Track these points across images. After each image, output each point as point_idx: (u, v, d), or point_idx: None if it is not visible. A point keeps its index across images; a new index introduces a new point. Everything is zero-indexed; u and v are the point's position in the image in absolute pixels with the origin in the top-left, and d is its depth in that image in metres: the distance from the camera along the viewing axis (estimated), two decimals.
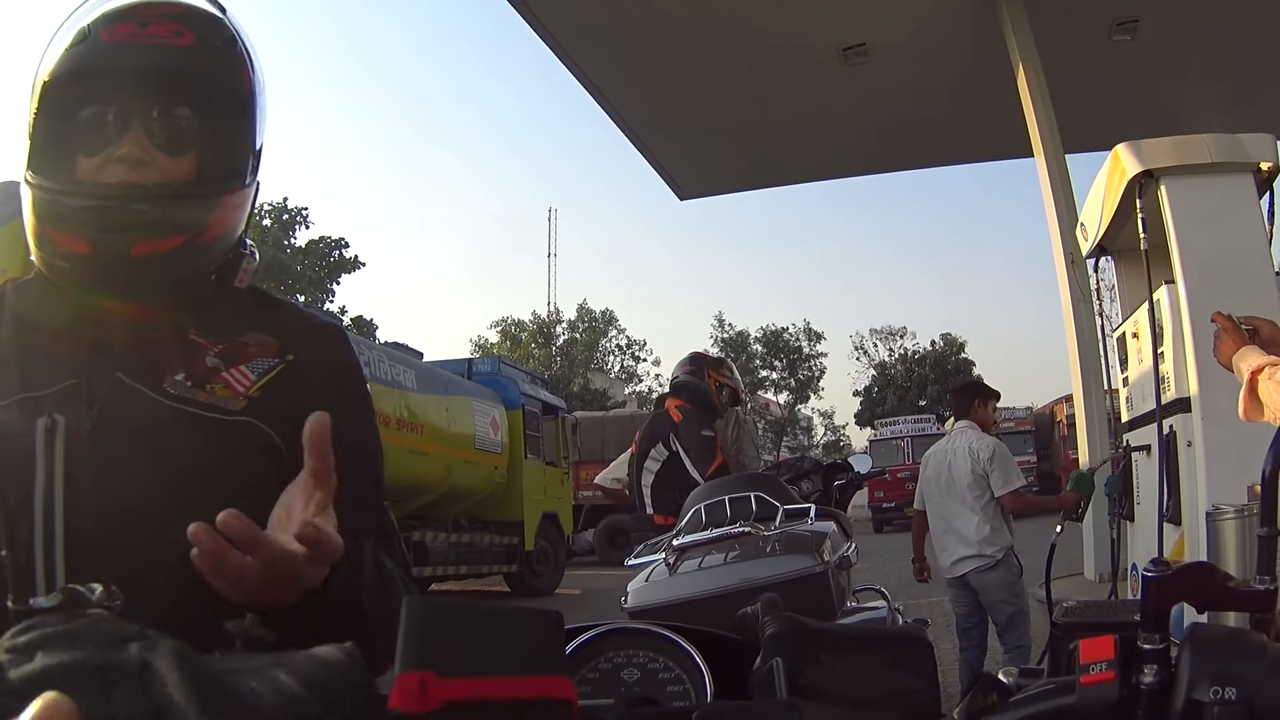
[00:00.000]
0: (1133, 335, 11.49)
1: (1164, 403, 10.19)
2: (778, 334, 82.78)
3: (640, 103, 20.89)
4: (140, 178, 1.77)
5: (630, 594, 5.56)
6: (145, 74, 1.79)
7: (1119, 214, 11.10)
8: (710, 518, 6.09)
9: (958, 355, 79.07)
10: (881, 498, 45.58)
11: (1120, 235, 11.64)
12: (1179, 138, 10.52)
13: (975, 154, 25.84)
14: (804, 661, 1.50)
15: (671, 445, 8.08)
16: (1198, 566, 1.11)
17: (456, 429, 21.98)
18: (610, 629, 1.76)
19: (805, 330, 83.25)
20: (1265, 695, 0.98)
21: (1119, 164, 10.69)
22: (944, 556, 9.62)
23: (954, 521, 9.43)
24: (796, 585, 5.16)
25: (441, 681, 1.03)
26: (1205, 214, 9.98)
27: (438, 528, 21.55)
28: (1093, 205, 12.31)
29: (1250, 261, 9.05)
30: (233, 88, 1.89)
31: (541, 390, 28.61)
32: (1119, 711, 1.04)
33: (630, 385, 78.76)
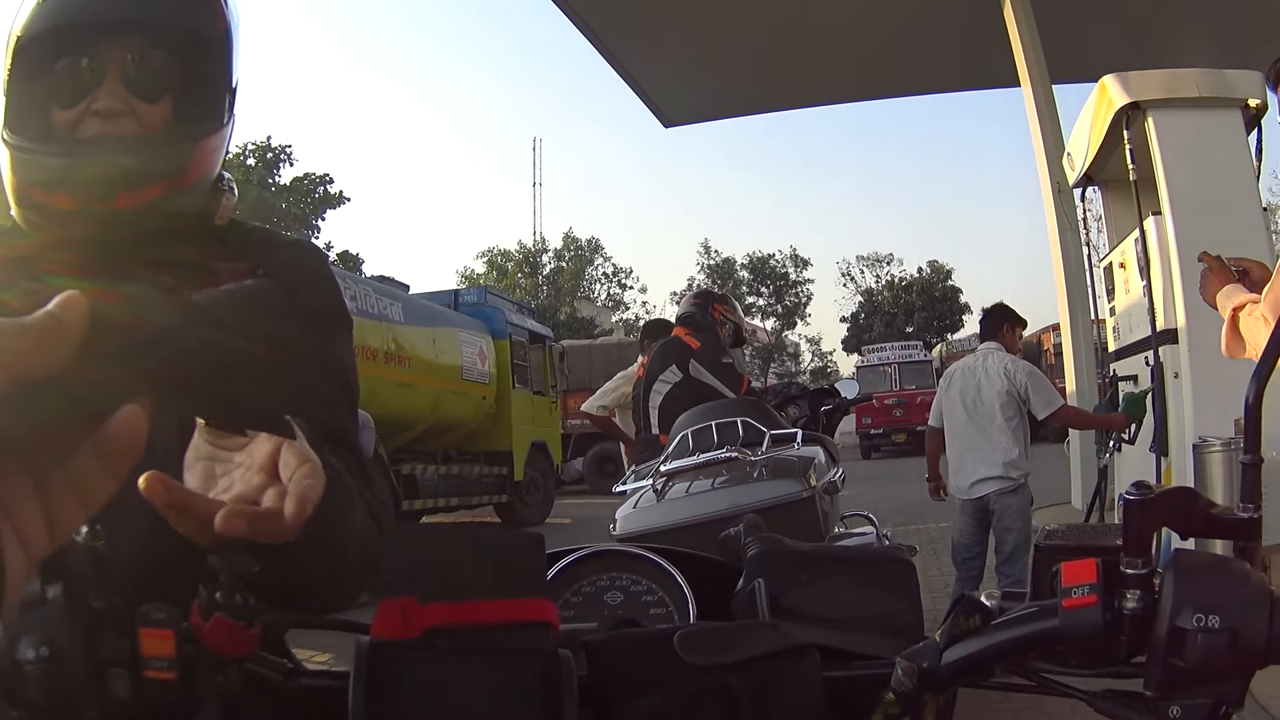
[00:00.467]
0: (1119, 265, 11.52)
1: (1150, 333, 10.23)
2: (764, 260, 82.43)
3: (624, 29, 20.62)
4: (118, 129, 1.75)
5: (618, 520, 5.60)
6: (119, 23, 1.76)
7: (1105, 145, 11.11)
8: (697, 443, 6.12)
9: (945, 282, 78.88)
10: (869, 424, 45.33)
11: (1107, 166, 11.65)
12: (1167, 71, 10.52)
13: (962, 82, 25.69)
14: (786, 583, 1.52)
15: (690, 369, 8.05)
16: (1180, 491, 1.10)
17: (444, 360, 21.90)
18: (593, 551, 1.77)
19: (792, 257, 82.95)
20: (1249, 624, 0.99)
21: (1106, 95, 10.68)
22: (962, 476, 9.39)
23: (979, 442, 9.20)
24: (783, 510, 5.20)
25: (423, 607, 1.07)
26: (1192, 148, 9.97)
27: (427, 460, 21.50)
28: (1079, 135, 12.31)
29: (1237, 196, 9.06)
30: (206, 29, 1.85)
31: (528, 319, 28.46)
32: (1102, 636, 1.04)
33: (617, 313, 78.36)
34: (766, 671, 1.25)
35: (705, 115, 26.94)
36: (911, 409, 44.41)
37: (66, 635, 0.98)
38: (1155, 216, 10.13)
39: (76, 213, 1.75)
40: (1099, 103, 11.01)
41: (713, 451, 5.91)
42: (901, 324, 75.09)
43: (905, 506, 20.70)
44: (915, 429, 43.76)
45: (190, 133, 1.84)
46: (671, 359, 8.21)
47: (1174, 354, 9.81)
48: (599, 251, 78.23)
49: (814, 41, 21.50)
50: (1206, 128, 10.06)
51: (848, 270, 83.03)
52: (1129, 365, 11.21)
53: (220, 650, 1.04)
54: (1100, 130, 11.05)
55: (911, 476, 27.73)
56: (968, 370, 9.43)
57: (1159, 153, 10.00)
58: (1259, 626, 0.99)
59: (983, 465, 9.14)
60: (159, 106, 1.79)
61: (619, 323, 74.81)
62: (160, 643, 1.02)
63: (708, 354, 8.15)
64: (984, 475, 9.13)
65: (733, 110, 27.12)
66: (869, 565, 1.62)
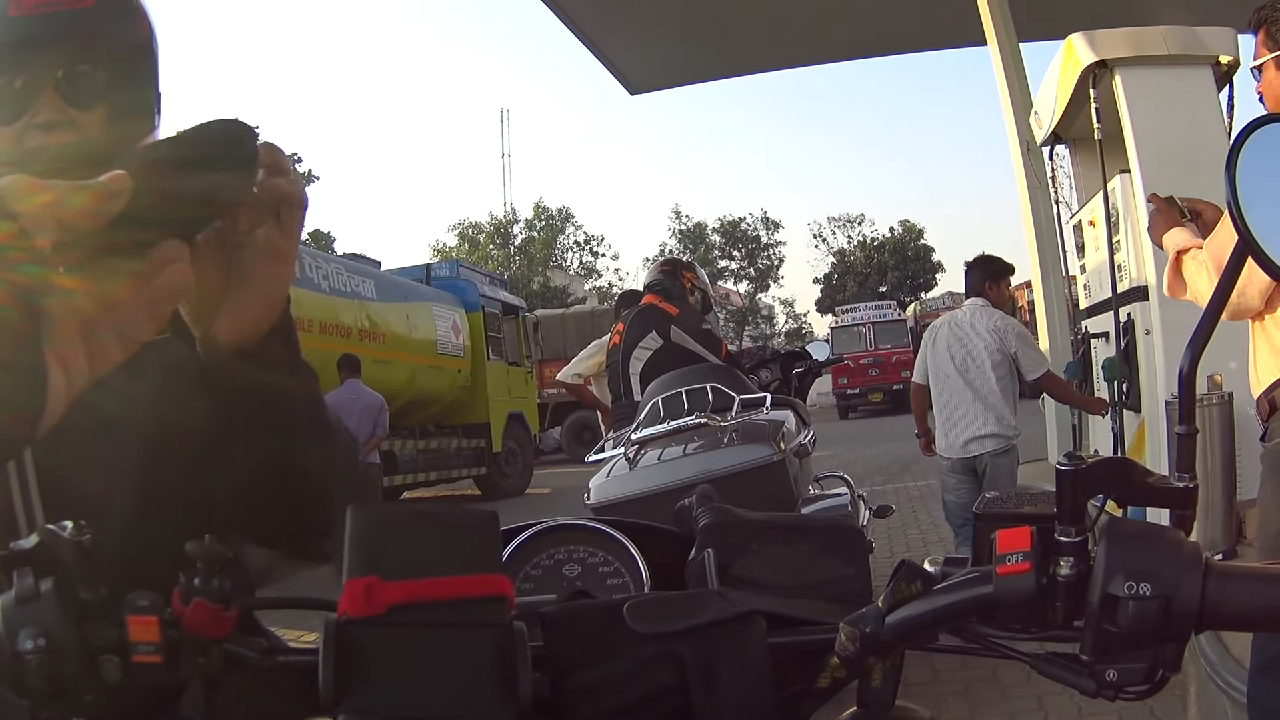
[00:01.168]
0: (1089, 223, 11.53)
1: (1120, 291, 10.25)
2: (735, 224, 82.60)
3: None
4: (60, 138, 1.80)
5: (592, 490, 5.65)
6: (52, 42, 1.81)
7: (1072, 103, 11.10)
8: (668, 410, 6.16)
9: (917, 241, 79.12)
10: (845, 384, 45.66)
11: (1074, 124, 11.65)
12: (1135, 29, 10.49)
13: (929, 41, 25.63)
14: (735, 552, 1.54)
15: (671, 334, 8.05)
16: (1115, 461, 1.11)
17: (418, 335, 22.03)
18: (548, 526, 1.79)
19: (763, 219, 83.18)
20: (1181, 592, 1.01)
21: (1072, 53, 10.67)
22: (954, 434, 9.13)
23: (971, 401, 9.00)
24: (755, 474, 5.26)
25: (386, 585, 1.11)
26: (1161, 106, 9.94)
27: (405, 435, 21.59)
28: (1045, 94, 12.32)
29: (1207, 154, 9.06)
30: (133, 39, 1.92)
31: (501, 291, 28.57)
32: (1036, 602, 1.06)
33: (590, 281, 78.47)
34: (713, 638, 1.27)
35: (671, 81, 26.83)
36: (887, 368, 44.74)
37: (60, 626, 1.03)
38: (1123, 175, 10.14)
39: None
40: (1065, 61, 11.00)
41: (683, 418, 5.94)
42: (875, 284, 75.37)
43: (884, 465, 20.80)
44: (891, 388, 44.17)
45: (127, 135, 1.89)
46: (651, 325, 8.19)
47: (1145, 311, 9.82)
48: (570, 220, 78.33)
49: (778, 4, 21.44)
50: (1176, 85, 10.00)
51: (819, 231, 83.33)
52: (1100, 323, 11.23)
53: (201, 632, 1.09)
54: (1067, 89, 11.05)
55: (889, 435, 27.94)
56: (955, 326, 9.24)
57: (1126, 111, 9.98)
58: (1191, 594, 1.01)
59: (976, 424, 8.99)
60: (94, 113, 1.84)
61: (592, 290, 74.88)
62: (146, 628, 1.06)
63: (687, 320, 8.16)
64: (978, 433, 8.96)
65: (698, 76, 27.04)
66: (817, 533, 1.63)
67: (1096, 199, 10.81)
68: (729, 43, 23.43)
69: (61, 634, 1.03)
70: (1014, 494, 1.26)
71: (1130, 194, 9.87)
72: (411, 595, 1.12)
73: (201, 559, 1.10)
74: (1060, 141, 12.73)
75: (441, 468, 22.81)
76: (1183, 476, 1.14)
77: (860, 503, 7.04)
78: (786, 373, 9.01)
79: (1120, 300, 10.22)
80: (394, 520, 1.19)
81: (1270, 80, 4.37)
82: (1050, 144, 13.01)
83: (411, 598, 1.12)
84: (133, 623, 1.06)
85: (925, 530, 13.76)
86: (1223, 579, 1.02)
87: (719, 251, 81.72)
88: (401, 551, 1.15)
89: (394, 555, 1.14)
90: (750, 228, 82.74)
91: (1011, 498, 1.25)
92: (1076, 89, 10.70)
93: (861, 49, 25.86)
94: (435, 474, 22.44)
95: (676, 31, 22.34)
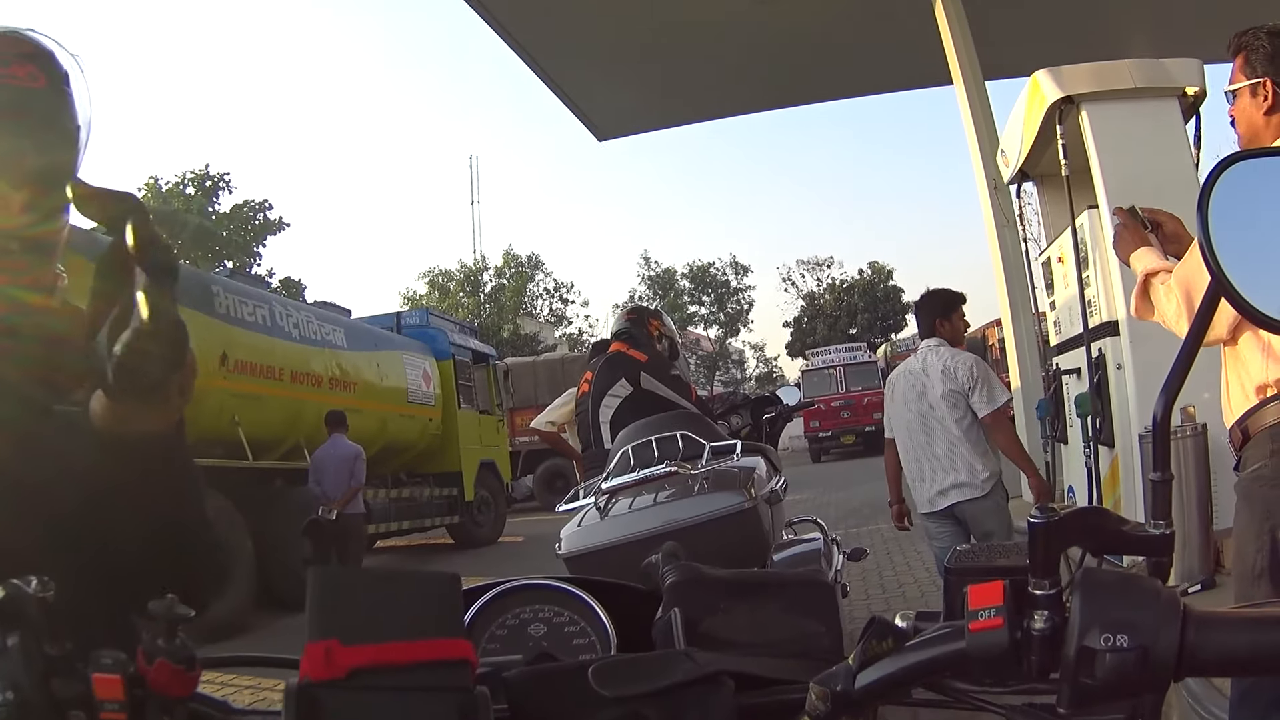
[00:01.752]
0: (1058, 260, 11.61)
1: (1091, 326, 10.28)
2: (704, 269, 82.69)
3: (555, 45, 20.63)
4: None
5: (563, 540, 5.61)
6: (3, 112, 1.86)
7: (1039, 140, 11.19)
8: (638, 458, 6.12)
9: (886, 282, 79.36)
10: (817, 427, 45.79)
11: (1042, 161, 11.74)
12: (1100, 64, 10.58)
13: (896, 82, 25.82)
14: (703, 610, 1.54)
15: (641, 381, 8.04)
16: (1088, 511, 1.09)
17: (389, 384, 22.02)
18: (512, 586, 1.80)
19: (732, 264, 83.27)
20: (1159, 642, 0.99)
21: (1038, 91, 10.76)
22: (922, 489, 8.67)
23: (932, 448, 8.58)
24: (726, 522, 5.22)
25: (346, 649, 1.10)
26: (1128, 139, 10.03)
27: (378, 484, 21.47)
28: (1013, 131, 12.41)
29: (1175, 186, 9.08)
30: (71, 126, 1.97)
31: (471, 339, 28.65)
32: (1009, 656, 1.04)
33: (560, 328, 78.53)
34: (680, 701, 1.27)
35: (638, 127, 26.98)
36: (859, 410, 44.86)
37: (27, 680, 1.04)
38: (1090, 210, 10.19)
39: None
40: (1031, 98, 11.09)
41: (653, 467, 5.91)
42: (845, 326, 75.50)
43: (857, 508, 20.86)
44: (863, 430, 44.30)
45: (56, 218, 1.95)
46: (620, 373, 8.16)
47: (1116, 346, 9.87)
48: (539, 267, 78.33)
49: (745, 48, 21.57)
50: (1142, 118, 10.09)
51: (788, 275, 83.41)
52: (1071, 359, 11.29)
53: (165, 691, 1.10)
54: (1033, 126, 11.13)
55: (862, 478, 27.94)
56: (910, 374, 8.82)
57: (1093, 145, 10.06)
58: (1170, 642, 0.99)
59: (942, 475, 8.54)
60: (21, 193, 1.88)
61: (562, 338, 74.98)
62: (111, 686, 1.07)
63: (656, 366, 8.14)
64: (945, 485, 8.51)
65: (666, 121, 27.18)
66: (787, 589, 1.64)
67: (1065, 235, 10.88)
68: (695, 88, 23.60)
69: (29, 688, 1.04)
70: (986, 547, 1.26)
71: (1099, 229, 9.94)
72: (372, 659, 1.11)
73: (164, 618, 1.11)
74: (1027, 179, 12.84)
75: (414, 516, 22.76)
76: (1159, 523, 1.13)
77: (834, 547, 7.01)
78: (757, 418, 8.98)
79: (1091, 335, 10.27)
80: (355, 582, 1.18)
81: (1244, 107, 4.40)
82: (1018, 181, 13.12)
83: (372, 661, 1.11)
84: (98, 680, 1.07)
85: (900, 572, 13.75)
86: (1201, 626, 1.01)
87: (689, 297, 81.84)
88: (362, 614, 1.14)
89: (355, 618, 1.13)
90: (720, 272, 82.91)
91: (984, 551, 1.25)
92: (1043, 125, 10.79)
93: (828, 91, 26.04)
94: (408, 523, 22.39)
95: (644, 77, 22.52)
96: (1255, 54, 4.40)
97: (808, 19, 20.32)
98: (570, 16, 19.73)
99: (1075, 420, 10.88)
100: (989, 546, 1.27)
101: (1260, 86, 4.36)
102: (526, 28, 19.89)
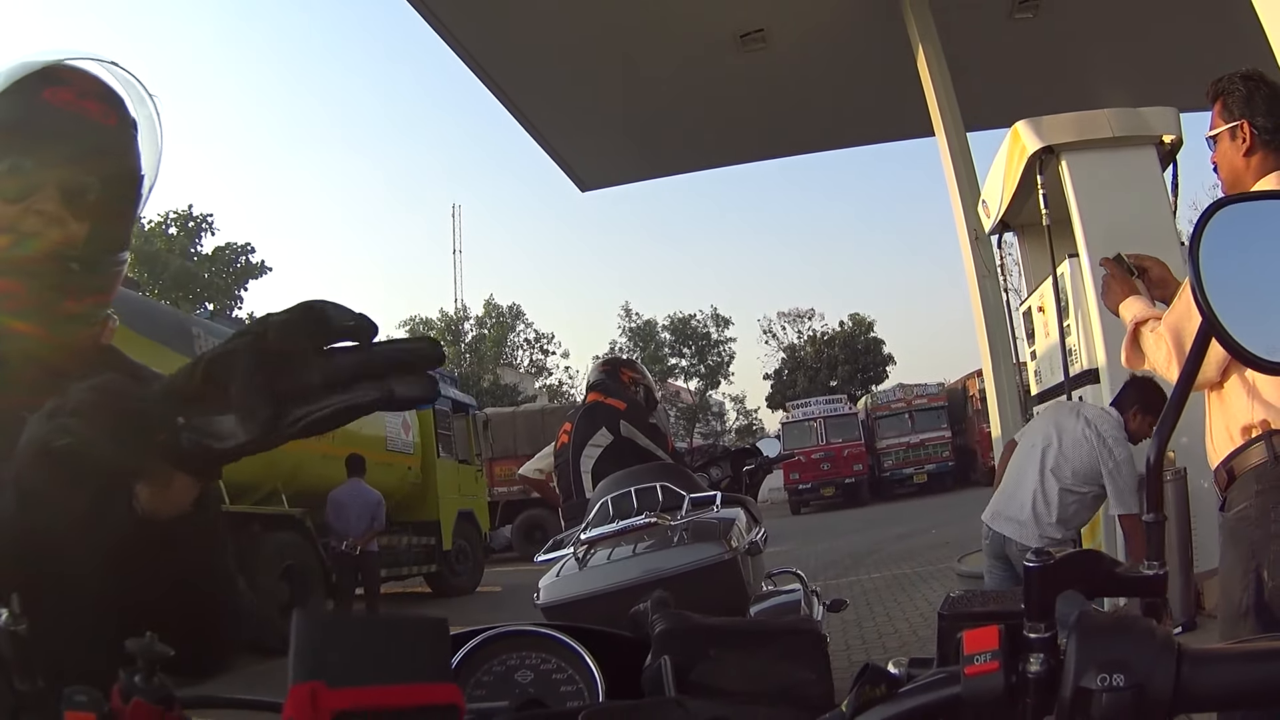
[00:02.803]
0: (1038, 309, 11.64)
1: (1072, 375, 10.30)
2: (685, 321, 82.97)
3: (539, 96, 20.81)
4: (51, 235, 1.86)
5: (541, 590, 5.59)
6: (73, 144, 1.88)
7: (1020, 190, 11.24)
8: (617, 509, 6.11)
9: (867, 334, 79.58)
10: (797, 479, 46.05)
11: (1022, 211, 11.79)
12: (1079, 113, 10.67)
13: (876, 134, 26.01)
14: (693, 658, 1.53)
15: (621, 429, 8.04)
16: (1082, 554, 1.10)
17: (368, 431, 21.90)
18: (501, 632, 1.77)
19: (713, 316, 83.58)
20: (1154, 681, 0.99)
21: (1019, 141, 10.81)
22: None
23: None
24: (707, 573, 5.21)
25: (331, 692, 1.05)
26: (1107, 187, 10.10)
27: None
28: (994, 182, 12.45)
29: (1155, 233, 9.13)
30: (137, 169, 2.00)
31: (451, 388, 28.78)
32: (1005, 701, 1.04)
33: (540, 379, 78.79)
34: None
35: (622, 178, 27.11)
36: (839, 462, 45.13)
37: None
38: (1071, 259, 10.23)
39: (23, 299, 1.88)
40: (1012, 149, 11.14)
41: (633, 518, 5.89)
42: (825, 378, 75.64)
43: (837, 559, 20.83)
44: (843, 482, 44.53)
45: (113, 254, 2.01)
46: (600, 422, 8.19)
47: (1096, 394, 9.88)
48: (520, 318, 78.70)
49: (728, 101, 21.72)
50: (1121, 166, 10.17)
51: (769, 327, 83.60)
52: None
53: None
54: (1014, 176, 11.18)
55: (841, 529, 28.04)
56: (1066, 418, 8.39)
57: (1073, 195, 10.11)
58: (1165, 679, 1.00)
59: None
60: (82, 225, 1.91)
61: (542, 389, 75.19)
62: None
63: (634, 414, 8.17)
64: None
65: (649, 172, 27.30)
66: (777, 637, 1.63)
67: (1046, 284, 10.91)
68: (678, 139, 23.78)
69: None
70: (980, 593, 1.28)
71: (1080, 277, 9.97)
72: (357, 703, 1.07)
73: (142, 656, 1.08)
74: (1008, 229, 12.89)
75: (391, 564, 22.68)
76: (1152, 564, 1.15)
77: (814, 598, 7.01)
78: (737, 470, 8.98)
79: (1072, 384, 10.28)
80: (340, 625, 1.14)
81: (1225, 151, 4.42)
82: (999, 232, 13.16)
83: (358, 705, 1.07)
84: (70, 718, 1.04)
85: (880, 623, 13.74)
86: (1195, 663, 1.01)
87: (669, 349, 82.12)
88: (348, 657, 1.10)
89: (340, 661, 1.09)
90: (700, 325, 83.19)
91: (978, 596, 1.25)
92: (1024, 175, 10.84)
93: (811, 143, 26.22)
94: (385, 570, 22.20)
95: (627, 129, 22.70)
96: (1231, 98, 4.44)
97: (790, 72, 20.51)
98: (556, 68, 19.93)
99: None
100: (982, 593, 1.27)
101: (1239, 129, 4.39)
102: (512, 79, 20.05)
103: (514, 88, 20.38)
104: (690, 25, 18.98)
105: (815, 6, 18.95)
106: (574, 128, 22.43)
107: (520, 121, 21.54)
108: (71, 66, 1.94)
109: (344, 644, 1.10)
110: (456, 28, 18.17)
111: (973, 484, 42.47)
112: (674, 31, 19.15)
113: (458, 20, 17.97)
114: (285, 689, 1.12)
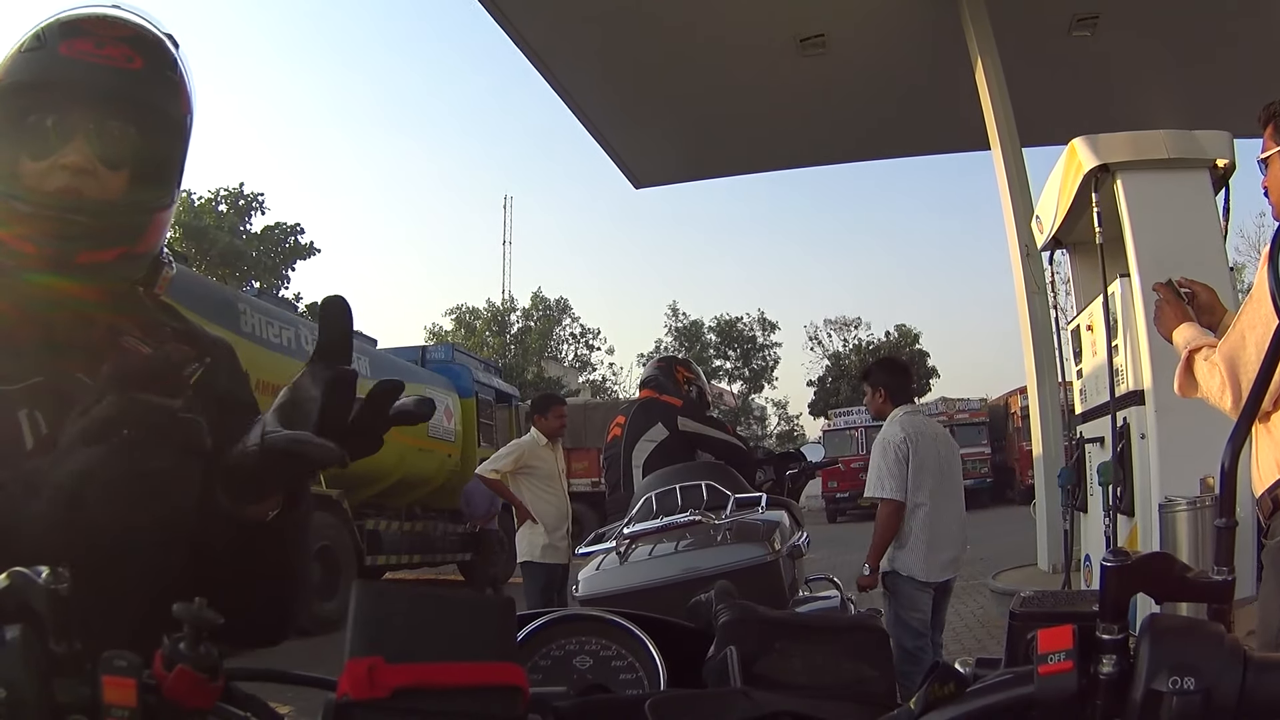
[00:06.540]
0: (1087, 328, 11.55)
1: (1118, 395, 10.24)
2: (732, 324, 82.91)
3: (599, 92, 20.85)
4: (82, 186, 1.87)
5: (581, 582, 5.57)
6: (97, 92, 1.90)
7: (1074, 207, 11.16)
8: (661, 506, 6.08)
9: (912, 346, 79.13)
10: (835, 488, 45.67)
11: (1075, 229, 11.71)
12: (1135, 133, 10.60)
13: (932, 146, 25.91)
14: (758, 650, 1.52)
15: (679, 424, 8.12)
16: (1156, 557, 1.10)
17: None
18: (562, 615, 1.77)
19: (759, 320, 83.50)
20: (1222, 686, 0.99)
21: (1075, 158, 10.75)
22: (943, 555, 8.32)
23: (958, 515, 8.44)
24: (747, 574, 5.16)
25: (390, 667, 1.05)
26: (1161, 209, 10.03)
27: (391, 516, 21.58)
28: (1048, 198, 12.37)
29: (1205, 256, 9.08)
30: (172, 113, 2.01)
31: (495, 378, 28.63)
32: (1078, 701, 1.04)
33: (584, 374, 78.68)
34: None
35: (676, 177, 27.09)
36: None
37: (24, 678, 0.97)
38: (1123, 279, 10.17)
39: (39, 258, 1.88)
40: (1068, 165, 11.08)
41: (676, 515, 5.87)
42: None
43: None
44: None
45: (145, 204, 2.01)
46: (655, 418, 8.29)
47: (1140, 415, 9.82)
48: (567, 312, 78.71)
49: (785, 106, 21.68)
50: (1175, 189, 10.10)
51: (815, 334, 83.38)
52: (1095, 427, 11.23)
53: (182, 701, 1.03)
54: (1069, 193, 11.11)
55: None
56: (937, 438, 8.69)
57: (1127, 214, 10.05)
58: (1231, 685, 1.00)
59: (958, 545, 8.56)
60: (118, 175, 1.93)
61: (586, 384, 75.08)
62: (122, 691, 1.01)
63: (691, 409, 8.24)
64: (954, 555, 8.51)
65: (704, 172, 27.27)
66: (842, 634, 1.63)
67: (1096, 303, 10.83)
68: (734, 141, 23.74)
69: (25, 687, 0.97)
70: (1050, 594, 1.28)
71: (1130, 297, 9.90)
72: (418, 679, 1.06)
73: (189, 622, 1.06)
74: (1060, 246, 12.80)
75: (426, 550, 22.76)
76: (1220, 570, 1.15)
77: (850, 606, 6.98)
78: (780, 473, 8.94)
79: (1117, 404, 10.21)
80: (403, 600, 1.13)
81: (1277, 174, 4.38)
82: (1050, 249, 13.07)
83: (418, 682, 1.06)
84: (108, 683, 1.01)
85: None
86: (1261, 670, 1.02)
87: (714, 351, 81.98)
88: (409, 633, 1.10)
89: (401, 636, 1.09)
90: (747, 328, 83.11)
91: (1048, 597, 1.26)
92: (1079, 193, 10.76)
93: (865, 151, 26.13)
94: (419, 556, 22.39)
95: (684, 129, 22.67)
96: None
97: (849, 78, 20.44)
98: (617, 65, 19.91)
99: (1096, 489, 10.82)
100: (1053, 593, 1.29)
101: None
102: (572, 74, 20.10)
103: (574, 83, 20.45)
104: (751, 27, 18.95)
105: (876, 13, 18.94)
106: (631, 125, 22.43)
107: (579, 117, 21.56)
108: (89, 16, 1.94)
109: (405, 618, 1.10)
110: (521, 24, 18.21)
111: (1007, 501, 42.15)
112: (734, 33, 19.14)
113: (522, 17, 18.01)
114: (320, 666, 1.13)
